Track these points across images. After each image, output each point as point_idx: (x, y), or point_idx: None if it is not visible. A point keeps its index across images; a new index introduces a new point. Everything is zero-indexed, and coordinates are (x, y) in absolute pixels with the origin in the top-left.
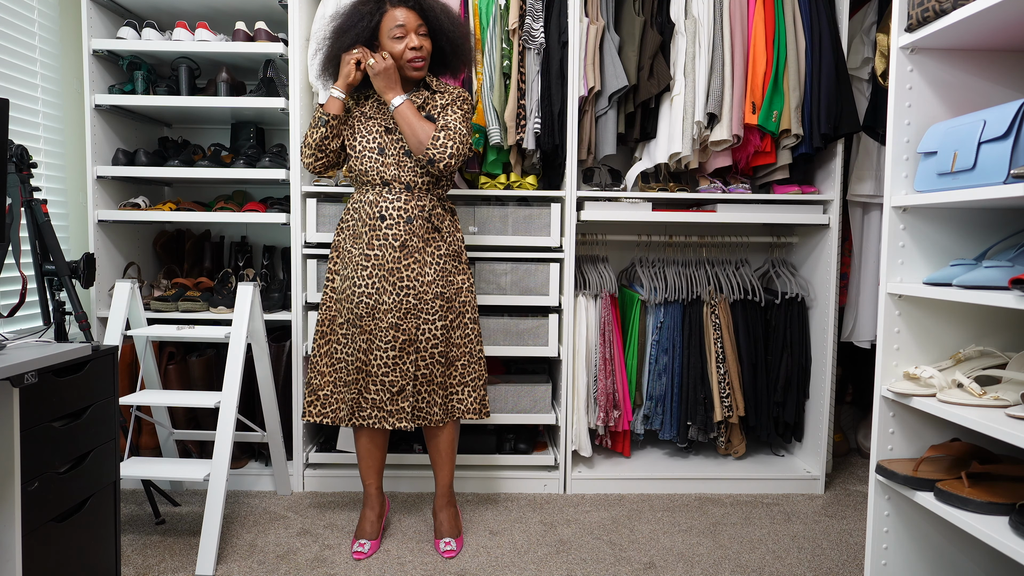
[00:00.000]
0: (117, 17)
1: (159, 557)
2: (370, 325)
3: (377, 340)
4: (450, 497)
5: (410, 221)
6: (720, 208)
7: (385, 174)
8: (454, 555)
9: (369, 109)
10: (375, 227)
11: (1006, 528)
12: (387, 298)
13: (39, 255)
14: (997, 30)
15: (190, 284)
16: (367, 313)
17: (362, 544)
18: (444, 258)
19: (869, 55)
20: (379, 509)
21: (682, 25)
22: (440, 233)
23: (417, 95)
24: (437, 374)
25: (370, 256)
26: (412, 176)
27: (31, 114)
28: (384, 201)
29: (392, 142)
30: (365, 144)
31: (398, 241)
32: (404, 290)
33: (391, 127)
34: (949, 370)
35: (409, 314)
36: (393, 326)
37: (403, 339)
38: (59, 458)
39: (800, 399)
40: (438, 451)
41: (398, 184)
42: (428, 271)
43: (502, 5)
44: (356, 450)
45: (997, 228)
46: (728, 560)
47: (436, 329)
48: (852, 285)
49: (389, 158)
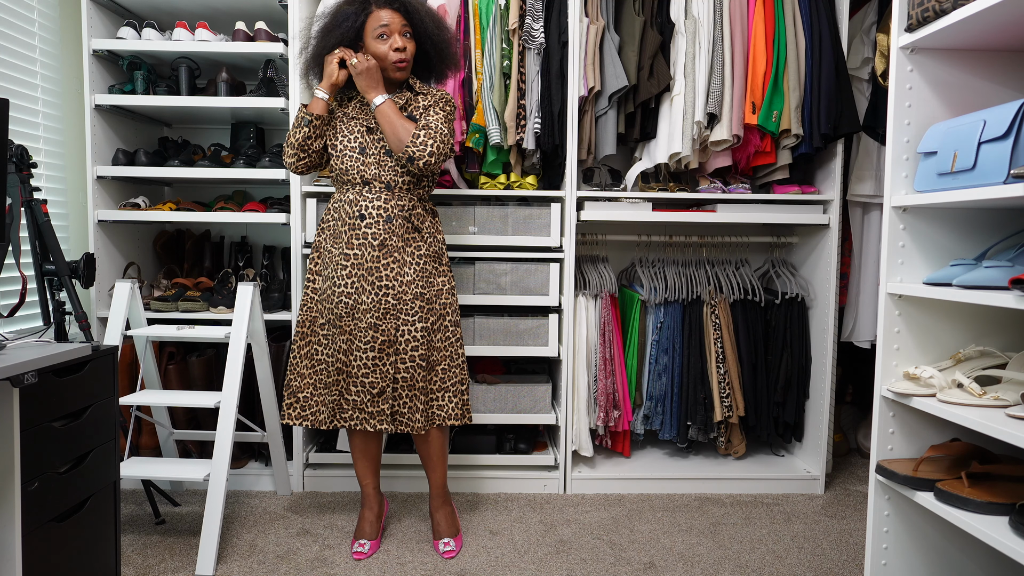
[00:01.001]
0: (117, 17)
1: (159, 557)
2: (350, 325)
3: (357, 340)
4: (445, 497)
5: (389, 220)
6: (720, 208)
7: (365, 173)
8: (454, 555)
9: (351, 110)
10: (355, 226)
11: (1006, 528)
12: (366, 298)
13: (39, 255)
14: (997, 30)
15: (190, 284)
16: (347, 313)
17: (362, 544)
18: (424, 258)
19: (869, 55)
20: (377, 509)
21: (682, 25)
22: (420, 233)
23: (399, 96)
24: (419, 378)
25: (349, 255)
26: (392, 176)
27: (31, 114)
28: (364, 200)
29: (373, 141)
30: (346, 144)
31: (377, 240)
32: (383, 290)
33: (372, 127)
34: (949, 370)
35: (388, 314)
36: (372, 326)
37: (382, 339)
38: (59, 458)
39: (800, 399)
40: (428, 455)
41: (378, 183)
42: (408, 271)
43: (502, 5)
44: (351, 451)
45: (997, 228)
46: (728, 560)
47: (416, 331)
48: (852, 285)
49: (370, 157)
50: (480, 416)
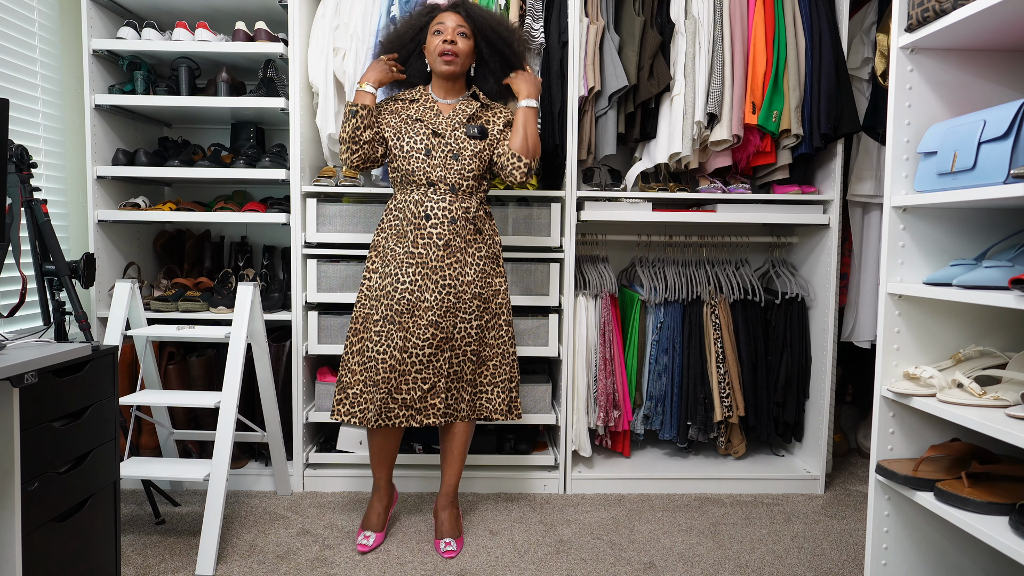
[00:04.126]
0: (117, 17)
1: (159, 557)
2: (408, 322)
3: (414, 338)
4: (453, 498)
5: (454, 221)
6: (720, 208)
7: (431, 175)
8: (454, 555)
9: (415, 111)
10: (420, 226)
11: (1006, 528)
12: (428, 296)
13: (39, 255)
14: (997, 30)
15: (190, 284)
16: (407, 310)
17: (367, 536)
18: (484, 260)
19: (869, 55)
20: (387, 501)
21: (682, 25)
22: (482, 235)
23: (468, 103)
24: (467, 371)
25: (415, 254)
26: (457, 178)
27: (31, 114)
28: (429, 201)
29: (439, 144)
30: (412, 145)
31: (442, 240)
32: (446, 288)
33: (439, 131)
34: (949, 370)
35: (448, 313)
36: (432, 323)
37: (441, 336)
38: (59, 458)
39: (800, 399)
40: (451, 450)
41: (443, 185)
42: (468, 271)
43: (502, 5)
44: (369, 445)
45: (997, 228)
46: (728, 560)
47: (472, 328)
48: (852, 285)
49: (436, 160)
50: None
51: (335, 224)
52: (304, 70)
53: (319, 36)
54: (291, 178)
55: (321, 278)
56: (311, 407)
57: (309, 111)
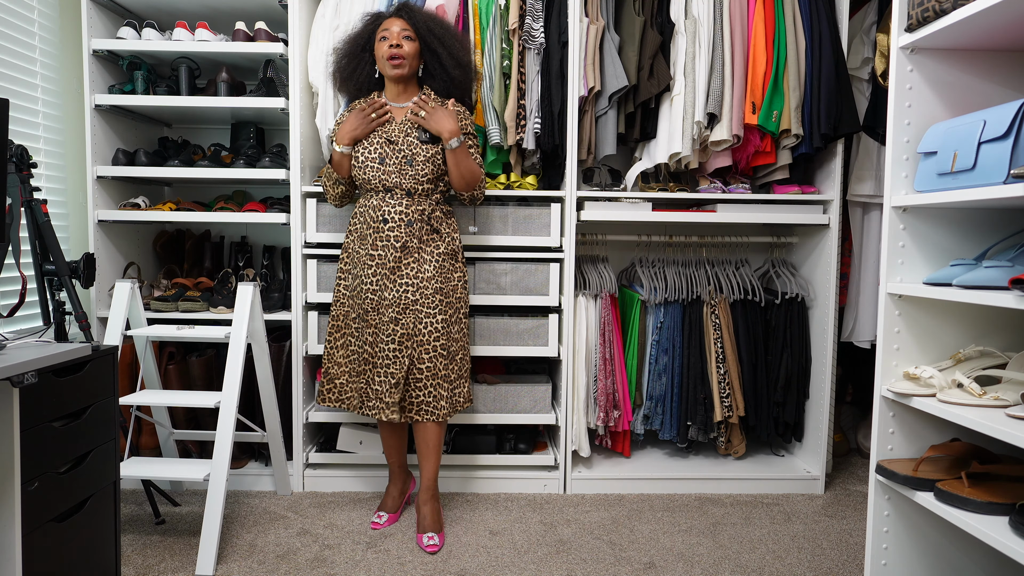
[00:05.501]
0: (117, 17)
1: (159, 557)
2: (375, 319)
3: (381, 334)
4: (434, 491)
5: (410, 224)
6: (720, 208)
7: (387, 181)
8: (437, 549)
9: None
10: (378, 229)
11: (1006, 528)
12: (388, 294)
13: (39, 255)
14: (997, 30)
15: (190, 284)
16: (372, 308)
17: (380, 515)
18: (443, 256)
19: (869, 55)
20: (401, 485)
21: (682, 25)
22: (439, 234)
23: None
24: (441, 367)
25: (374, 255)
26: (412, 183)
27: (31, 114)
28: (386, 205)
29: (393, 152)
30: (367, 155)
31: (399, 242)
32: (404, 286)
33: (392, 138)
34: (949, 370)
35: (408, 309)
36: (393, 320)
37: (402, 332)
38: (59, 458)
39: (800, 399)
40: (427, 443)
41: (399, 191)
42: (427, 268)
43: (502, 5)
44: (380, 431)
45: (997, 228)
46: (728, 560)
47: (437, 323)
48: (852, 285)
49: (390, 167)
50: (480, 416)
51: (335, 224)
52: (304, 70)
53: (319, 36)
54: (291, 178)
55: (321, 278)
56: (311, 407)
57: (309, 111)
